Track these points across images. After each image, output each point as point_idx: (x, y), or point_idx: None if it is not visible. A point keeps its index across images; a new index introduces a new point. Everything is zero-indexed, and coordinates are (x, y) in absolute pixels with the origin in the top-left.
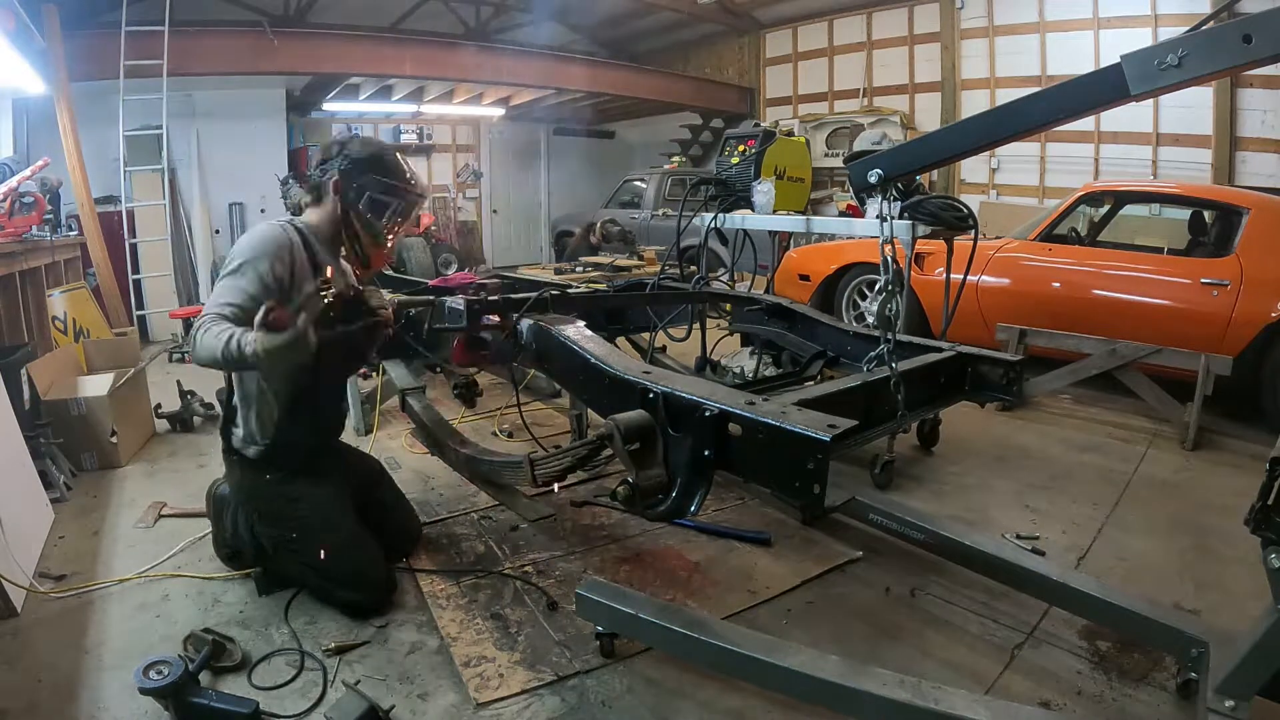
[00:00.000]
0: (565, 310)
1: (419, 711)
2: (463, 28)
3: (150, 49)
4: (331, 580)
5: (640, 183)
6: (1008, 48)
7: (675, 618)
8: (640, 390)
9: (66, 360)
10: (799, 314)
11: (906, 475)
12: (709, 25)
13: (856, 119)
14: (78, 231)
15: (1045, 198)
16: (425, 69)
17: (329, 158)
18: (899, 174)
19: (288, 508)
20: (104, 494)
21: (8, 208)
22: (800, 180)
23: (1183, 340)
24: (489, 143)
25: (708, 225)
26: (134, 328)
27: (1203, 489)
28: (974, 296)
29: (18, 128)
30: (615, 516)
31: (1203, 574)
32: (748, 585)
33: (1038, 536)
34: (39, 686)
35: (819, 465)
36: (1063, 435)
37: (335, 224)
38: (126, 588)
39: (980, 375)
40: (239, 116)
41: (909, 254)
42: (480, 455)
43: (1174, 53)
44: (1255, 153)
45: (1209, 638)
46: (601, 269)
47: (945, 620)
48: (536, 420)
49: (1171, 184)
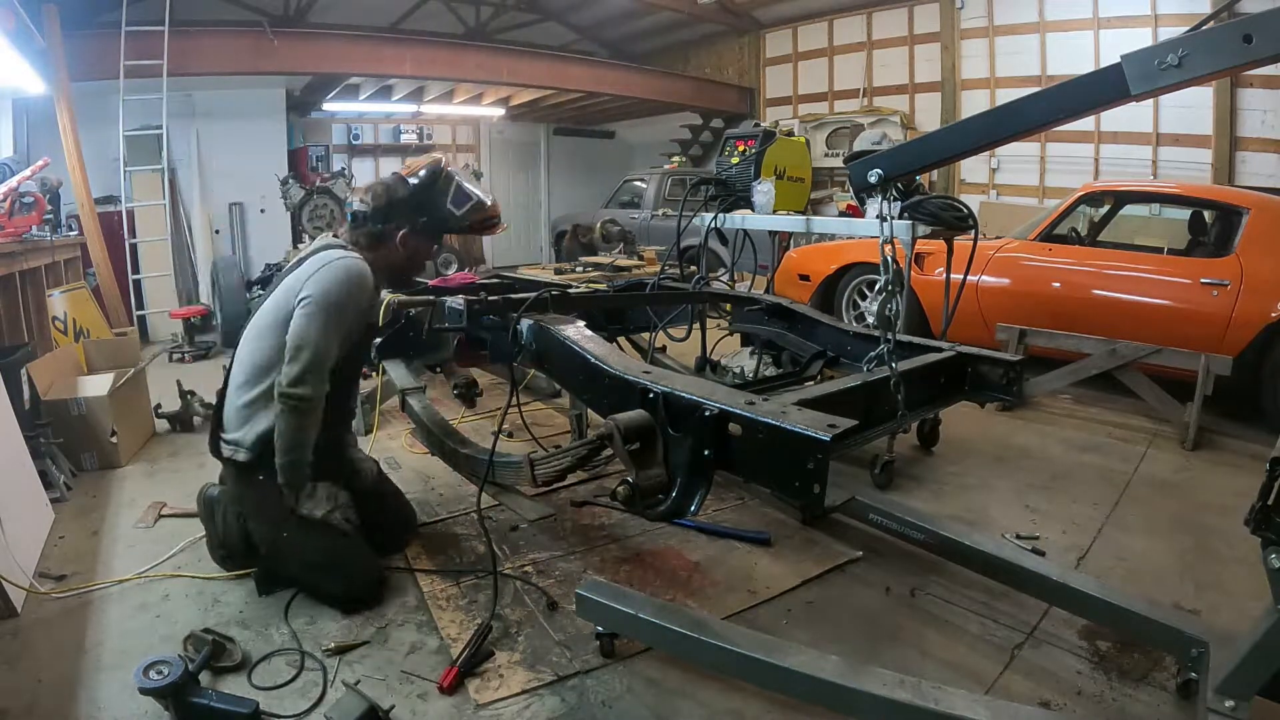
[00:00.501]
0: (565, 310)
1: (419, 711)
2: (463, 28)
3: (150, 49)
4: (323, 574)
5: (640, 183)
6: (1008, 48)
7: (675, 618)
8: (640, 390)
9: (66, 360)
10: (799, 314)
11: (906, 475)
12: (709, 25)
13: (856, 119)
14: (78, 231)
15: (1045, 198)
16: (425, 69)
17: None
18: (899, 174)
19: (279, 509)
20: (104, 494)
21: (8, 208)
22: (800, 180)
23: (1183, 340)
24: (489, 143)
25: (708, 225)
26: (134, 328)
27: (1203, 489)
28: (974, 296)
29: (18, 128)
30: (615, 516)
31: (1203, 574)
32: (748, 585)
33: (1038, 536)
34: (39, 686)
35: (819, 465)
36: (1063, 435)
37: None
38: (126, 588)
39: (980, 375)
40: (239, 116)
41: (909, 254)
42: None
43: (1174, 53)
44: (1255, 153)
45: (1209, 638)
46: (601, 269)
47: (945, 620)
48: (536, 420)
49: (1171, 184)
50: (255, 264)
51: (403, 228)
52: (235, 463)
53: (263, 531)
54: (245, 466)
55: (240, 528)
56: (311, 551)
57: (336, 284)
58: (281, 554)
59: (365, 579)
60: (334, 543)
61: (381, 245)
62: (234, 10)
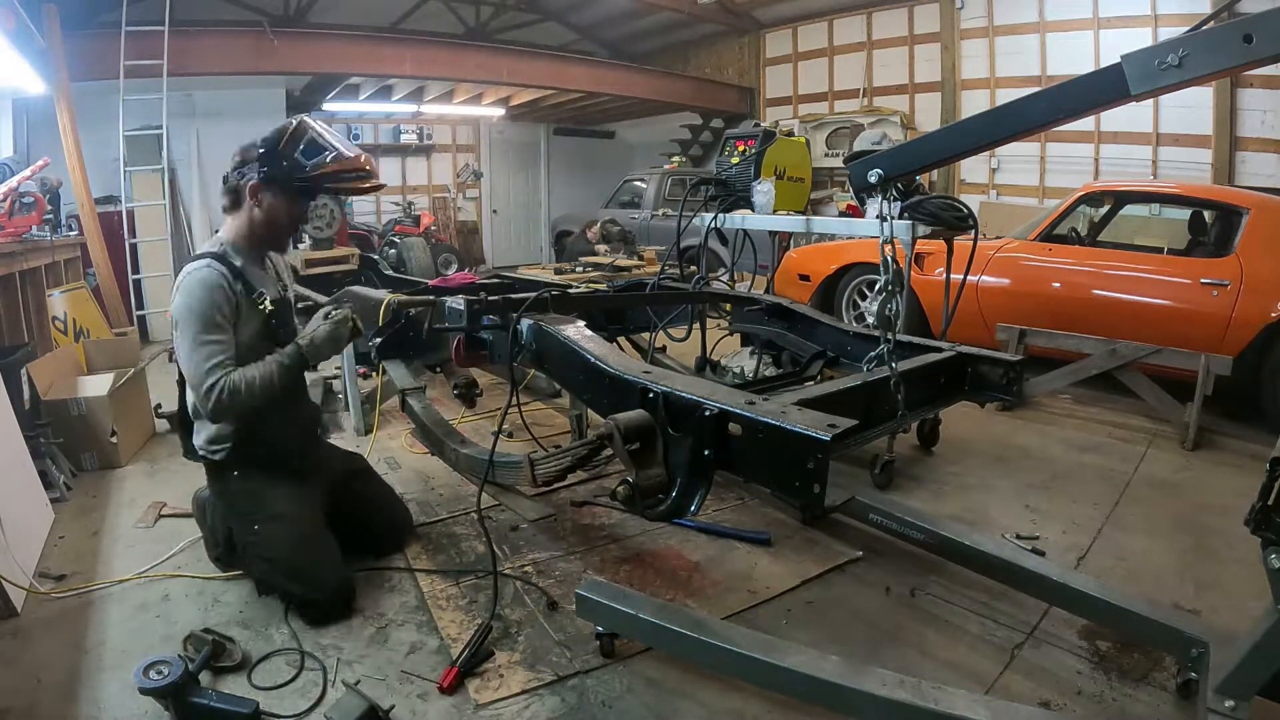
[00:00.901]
0: (565, 310)
1: (419, 711)
2: (463, 28)
3: (150, 49)
4: (286, 576)
5: (640, 183)
6: (1008, 48)
7: (675, 618)
8: (640, 390)
9: (66, 360)
10: (799, 314)
11: (906, 475)
12: (709, 25)
13: (856, 119)
14: (78, 231)
15: (1045, 198)
16: (425, 69)
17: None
18: (899, 174)
19: (251, 505)
20: (104, 494)
21: (8, 208)
22: (800, 180)
23: (1183, 340)
24: (489, 143)
25: (708, 225)
26: (134, 328)
27: (1203, 489)
28: (974, 296)
29: (18, 128)
30: (615, 516)
31: (1203, 574)
32: (748, 585)
33: (1038, 536)
34: (39, 686)
35: (819, 465)
36: (1063, 435)
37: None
38: (126, 588)
39: (980, 375)
40: (239, 116)
41: (909, 254)
42: (480, 455)
43: (1174, 53)
44: (1255, 153)
45: (1209, 638)
46: (601, 269)
47: (945, 620)
48: (536, 420)
49: (1171, 184)
50: None
51: (250, 179)
52: (208, 461)
53: (238, 529)
54: (217, 465)
55: (225, 528)
56: (278, 546)
57: (182, 302)
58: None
59: (330, 595)
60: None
61: (239, 205)
62: (234, 10)
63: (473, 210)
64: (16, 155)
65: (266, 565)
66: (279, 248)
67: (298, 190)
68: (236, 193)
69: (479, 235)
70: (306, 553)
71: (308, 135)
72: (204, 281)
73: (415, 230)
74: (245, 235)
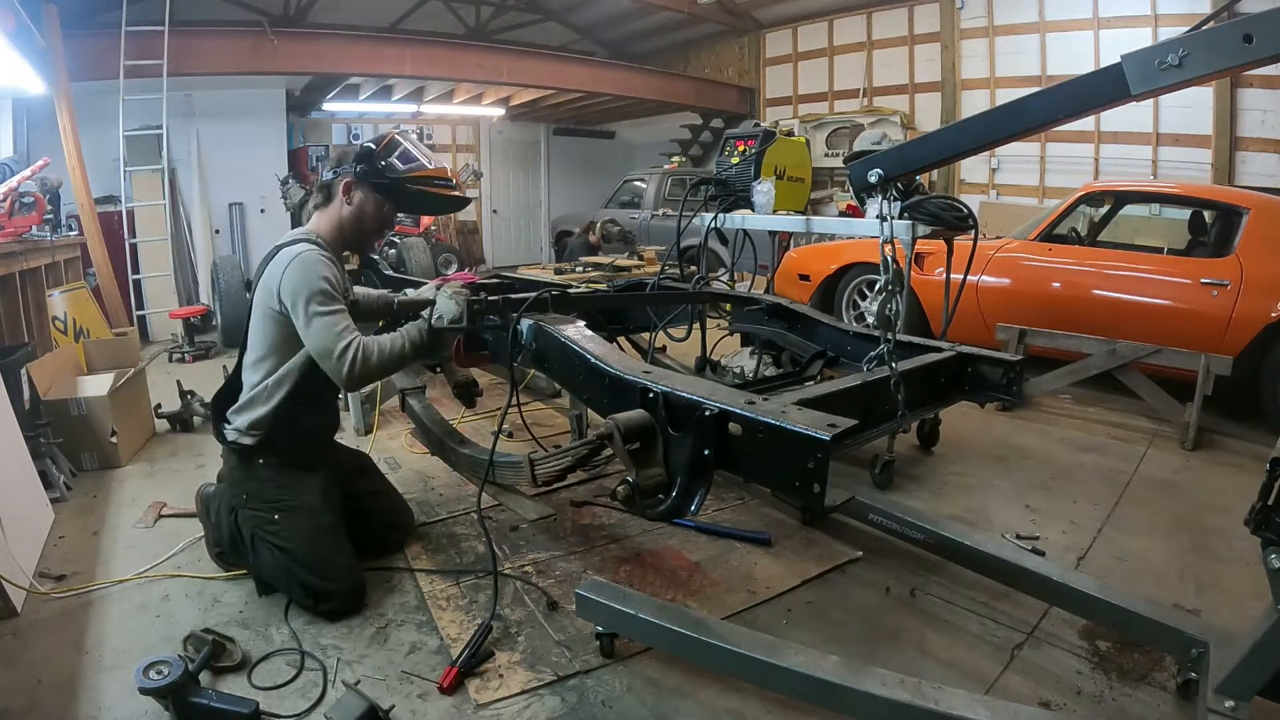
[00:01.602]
0: (565, 310)
1: (419, 711)
2: (463, 28)
3: (150, 49)
4: (303, 566)
5: (640, 183)
6: (1008, 48)
7: (675, 618)
8: (640, 390)
9: (66, 360)
10: (799, 314)
11: (906, 475)
12: (709, 25)
13: (856, 119)
14: (78, 231)
15: (1045, 198)
16: (425, 69)
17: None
18: (899, 174)
19: (275, 491)
20: (104, 494)
21: (8, 208)
22: (800, 180)
23: (1183, 340)
24: (489, 143)
25: (708, 225)
26: (134, 328)
27: (1203, 489)
28: (974, 296)
29: (18, 128)
30: (615, 516)
31: (1203, 574)
32: (748, 585)
33: (1038, 536)
34: (39, 686)
35: (819, 465)
36: (1063, 435)
37: (343, 224)
38: (126, 588)
39: (980, 375)
40: (239, 116)
41: (909, 254)
42: (480, 455)
43: (1174, 53)
44: (1255, 153)
45: (1209, 638)
46: (601, 269)
47: (945, 620)
48: (536, 420)
49: (1171, 184)
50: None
51: (345, 176)
52: (238, 446)
53: (253, 515)
54: (247, 450)
55: (230, 522)
56: (299, 535)
57: (300, 278)
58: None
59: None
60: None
61: (331, 201)
62: (234, 10)
63: (473, 210)
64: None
65: (282, 555)
66: (362, 249)
67: (389, 192)
68: (329, 188)
69: (479, 235)
70: (326, 544)
71: (402, 146)
72: (318, 258)
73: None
74: (332, 231)
